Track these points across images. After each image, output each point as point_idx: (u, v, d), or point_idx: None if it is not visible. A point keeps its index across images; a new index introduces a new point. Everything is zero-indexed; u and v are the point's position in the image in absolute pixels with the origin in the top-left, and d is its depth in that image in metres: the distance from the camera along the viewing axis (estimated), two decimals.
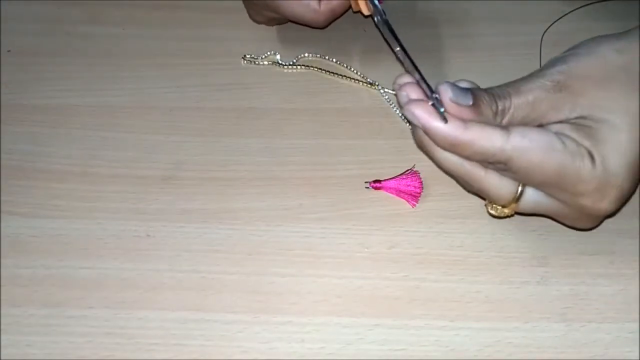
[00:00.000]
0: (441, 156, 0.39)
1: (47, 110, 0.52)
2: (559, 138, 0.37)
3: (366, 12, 0.50)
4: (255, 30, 0.58)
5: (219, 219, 0.45)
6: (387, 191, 0.46)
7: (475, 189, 0.40)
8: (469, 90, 0.38)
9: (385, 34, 0.41)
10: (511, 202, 0.40)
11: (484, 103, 0.38)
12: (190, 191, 0.47)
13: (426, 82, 0.38)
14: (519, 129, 0.37)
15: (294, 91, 0.53)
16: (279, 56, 0.56)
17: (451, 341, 0.40)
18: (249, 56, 0.56)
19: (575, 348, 0.39)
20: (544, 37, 0.55)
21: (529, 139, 0.37)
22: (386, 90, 0.53)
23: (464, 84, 0.39)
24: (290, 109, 0.52)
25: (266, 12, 0.55)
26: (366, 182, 0.47)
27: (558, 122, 0.38)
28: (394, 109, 0.52)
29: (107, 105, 0.52)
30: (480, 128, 0.37)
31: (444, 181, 0.45)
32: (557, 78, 0.38)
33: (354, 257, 0.43)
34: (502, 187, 0.39)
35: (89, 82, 0.54)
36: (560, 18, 0.57)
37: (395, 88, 0.40)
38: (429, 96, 0.38)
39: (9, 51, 0.56)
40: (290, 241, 0.44)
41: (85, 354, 0.39)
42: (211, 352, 0.40)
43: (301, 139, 0.50)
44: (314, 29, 0.55)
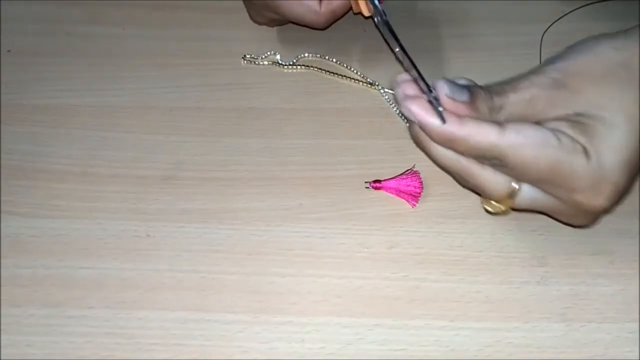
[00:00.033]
0: (437, 152, 0.39)
1: (47, 110, 0.52)
2: (554, 134, 0.37)
3: (366, 13, 0.50)
4: (255, 30, 0.58)
5: (219, 219, 0.45)
6: (387, 191, 0.46)
7: (471, 184, 0.40)
8: (465, 86, 0.38)
9: (385, 35, 0.41)
10: (506, 198, 0.40)
11: (481, 99, 0.38)
12: (190, 191, 0.47)
13: (425, 81, 0.38)
14: (514, 125, 0.37)
15: (294, 91, 0.53)
16: (279, 56, 0.56)
17: (451, 341, 0.40)
18: (249, 56, 0.56)
19: (575, 348, 0.39)
20: (544, 37, 0.55)
21: (524, 135, 0.37)
22: (386, 90, 0.53)
23: (462, 81, 0.39)
24: (290, 109, 0.52)
25: (267, 13, 0.55)
26: (366, 182, 0.47)
27: (555, 119, 0.38)
28: (394, 109, 0.52)
29: (107, 105, 0.52)
30: (476, 124, 0.37)
31: (444, 181, 0.45)
32: (555, 75, 0.38)
33: (354, 257, 0.43)
34: (498, 183, 0.39)
35: (89, 82, 0.54)
36: (560, 18, 0.57)
37: (393, 86, 0.40)
38: (427, 94, 0.38)
39: (9, 51, 0.57)
40: (290, 241, 0.44)
41: (85, 354, 0.39)
42: (211, 352, 0.40)
43: (301, 139, 0.50)
44: (314, 29, 0.55)
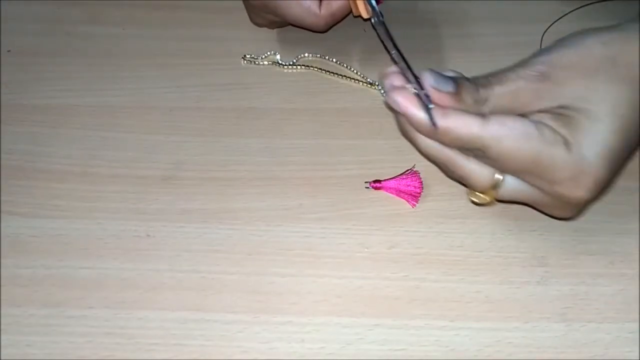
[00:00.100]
0: (423, 143, 0.39)
1: (47, 110, 0.52)
2: (536, 126, 0.37)
3: (365, 15, 0.50)
4: (255, 30, 0.58)
5: (219, 219, 0.45)
6: (387, 191, 0.46)
7: (456, 175, 0.41)
8: (451, 78, 0.38)
9: (381, 36, 0.41)
10: (491, 189, 0.40)
11: (466, 91, 0.38)
12: (190, 191, 0.47)
13: (420, 83, 0.38)
14: (497, 117, 0.38)
15: (294, 91, 0.53)
16: (279, 56, 0.56)
17: (451, 341, 0.40)
18: (249, 56, 0.56)
19: (575, 348, 0.39)
20: (544, 37, 0.55)
21: (506, 126, 0.37)
22: None
23: (449, 73, 0.39)
24: (290, 109, 0.52)
25: (266, 15, 0.55)
26: (366, 182, 0.47)
27: (539, 111, 0.39)
28: None
29: (107, 105, 0.52)
30: (458, 115, 0.37)
31: (444, 181, 0.45)
32: (540, 68, 0.39)
33: (354, 257, 0.43)
34: (482, 174, 0.39)
35: (89, 82, 0.54)
36: (560, 18, 0.57)
37: (381, 77, 0.40)
38: (416, 88, 0.38)
39: (9, 51, 0.57)
40: (290, 241, 0.44)
41: (85, 354, 0.39)
42: (211, 352, 0.40)
43: (301, 139, 0.50)
44: (314, 32, 0.55)
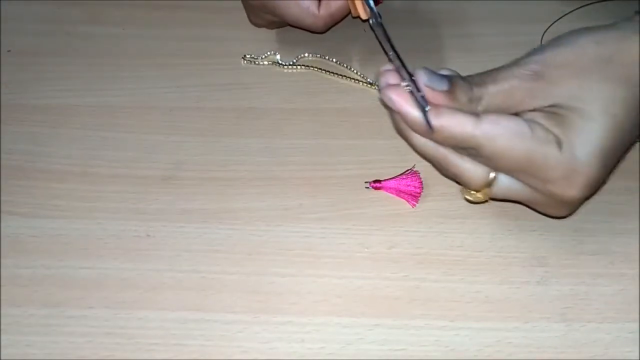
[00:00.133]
0: (417, 141, 0.40)
1: (47, 110, 0.52)
2: (528, 125, 0.37)
3: (364, 17, 0.50)
4: (255, 30, 0.58)
5: (219, 219, 0.45)
6: (387, 191, 0.46)
7: (450, 173, 0.41)
8: (445, 76, 0.38)
9: (379, 37, 0.41)
10: (484, 187, 0.40)
11: (460, 89, 0.38)
12: (190, 191, 0.47)
13: (416, 85, 0.38)
14: (489, 116, 0.38)
15: (294, 91, 0.53)
16: (279, 56, 0.56)
17: (451, 341, 0.40)
18: (249, 56, 0.56)
19: (575, 348, 0.39)
20: (544, 37, 0.55)
21: (499, 125, 0.37)
22: None
23: (444, 72, 0.39)
24: (290, 109, 0.52)
25: (265, 15, 0.55)
26: (366, 182, 0.47)
27: (533, 110, 0.39)
28: None
29: (107, 105, 0.52)
30: (452, 114, 0.37)
31: (444, 181, 0.45)
32: (534, 67, 0.39)
33: (354, 257, 0.43)
34: (476, 173, 0.40)
35: (89, 82, 0.54)
36: (560, 18, 0.57)
37: (377, 75, 0.40)
38: (412, 87, 0.38)
39: (9, 51, 0.57)
40: (290, 241, 0.44)
41: (85, 354, 0.39)
42: (211, 352, 0.40)
43: (301, 139, 0.50)
44: (312, 33, 0.55)
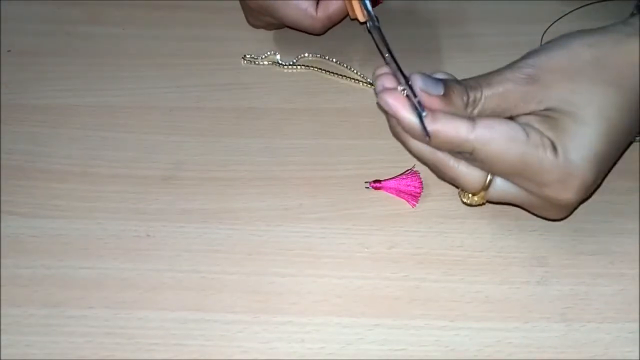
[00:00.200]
0: (414, 145, 0.40)
1: (47, 110, 0.52)
2: (523, 129, 0.38)
3: (361, 19, 0.50)
4: (255, 30, 0.58)
5: (219, 219, 0.45)
6: (387, 191, 0.46)
7: (447, 177, 0.41)
8: (440, 80, 0.39)
9: (376, 39, 0.41)
10: (480, 191, 0.40)
11: (455, 93, 0.38)
12: (190, 191, 0.47)
13: (412, 88, 0.38)
14: (484, 120, 0.38)
15: (294, 91, 0.53)
16: (279, 56, 0.56)
17: (451, 341, 0.40)
18: (249, 56, 0.56)
19: (575, 348, 0.39)
20: (544, 37, 0.55)
21: (493, 130, 0.37)
22: None
23: (440, 75, 0.39)
24: (290, 109, 0.52)
25: (264, 17, 0.55)
26: (366, 182, 0.47)
27: (527, 113, 0.39)
28: None
29: (107, 105, 0.52)
30: (447, 119, 0.37)
31: (443, 181, 0.45)
32: (528, 71, 0.39)
33: (354, 257, 0.43)
34: (472, 176, 0.40)
35: (89, 82, 0.54)
36: (560, 18, 0.57)
37: (373, 79, 0.40)
38: (408, 91, 0.38)
39: (9, 51, 0.57)
40: (290, 241, 0.44)
41: (85, 354, 0.39)
42: (211, 352, 0.40)
43: (301, 139, 0.50)
44: (310, 35, 0.55)
